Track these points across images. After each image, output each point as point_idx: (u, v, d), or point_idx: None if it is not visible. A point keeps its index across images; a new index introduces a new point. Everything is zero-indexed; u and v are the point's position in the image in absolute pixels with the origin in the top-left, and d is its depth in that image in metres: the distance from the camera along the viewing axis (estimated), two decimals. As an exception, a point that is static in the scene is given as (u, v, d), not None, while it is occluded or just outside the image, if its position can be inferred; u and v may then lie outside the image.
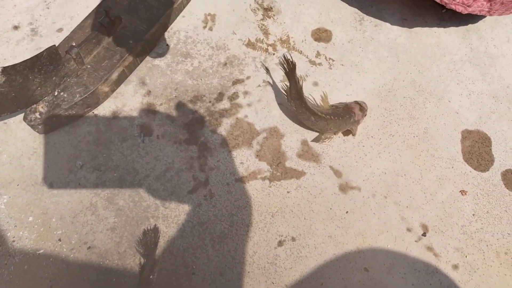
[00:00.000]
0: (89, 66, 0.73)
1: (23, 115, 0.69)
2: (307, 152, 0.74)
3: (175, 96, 0.76)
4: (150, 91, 0.76)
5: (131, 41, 0.75)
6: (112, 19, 0.74)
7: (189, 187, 0.69)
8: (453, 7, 0.80)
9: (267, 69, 0.75)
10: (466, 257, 0.68)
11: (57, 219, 0.65)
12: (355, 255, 0.67)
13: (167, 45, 0.81)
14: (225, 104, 0.76)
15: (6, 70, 0.62)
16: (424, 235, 0.69)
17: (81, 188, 0.67)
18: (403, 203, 0.71)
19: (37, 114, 0.69)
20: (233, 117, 0.76)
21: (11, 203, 0.66)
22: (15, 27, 0.81)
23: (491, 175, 0.75)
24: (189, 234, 0.66)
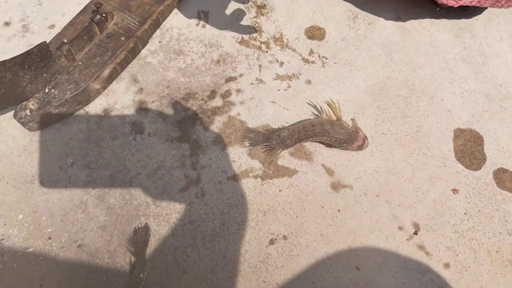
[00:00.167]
0: (80, 63, 0.72)
1: (13, 112, 0.68)
2: (299, 151, 0.73)
3: (167, 94, 0.76)
4: (142, 89, 0.76)
5: (123, 38, 0.75)
6: (104, 15, 0.74)
7: (180, 185, 0.69)
8: (444, 1, 0.80)
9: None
10: (458, 255, 0.69)
11: (47, 217, 0.65)
12: (347, 254, 0.67)
13: (159, 42, 0.80)
14: (217, 102, 0.76)
15: (-5, 66, 0.61)
16: (415, 233, 0.69)
17: (72, 186, 0.67)
18: (395, 202, 0.71)
19: (28, 111, 0.68)
20: (225, 115, 0.75)
21: (1, 201, 0.65)
22: (6, 23, 0.80)
23: (483, 173, 0.75)
24: (180, 232, 0.66)
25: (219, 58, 0.80)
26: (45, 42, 0.66)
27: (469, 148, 0.77)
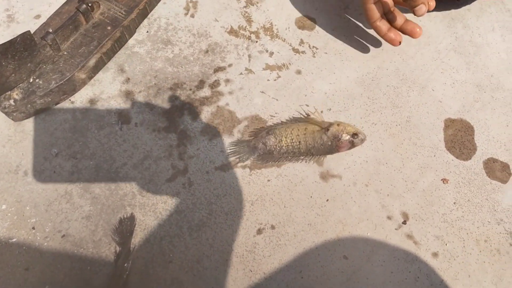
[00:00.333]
0: (65, 53, 0.72)
1: (-3, 102, 0.67)
2: (288, 140, 0.73)
3: (155, 84, 0.75)
4: (129, 79, 0.75)
5: (109, 28, 0.74)
6: (90, 5, 0.73)
7: (167, 175, 0.68)
8: None
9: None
10: (446, 245, 0.68)
11: (31, 207, 0.64)
12: (335, 243, 0.66)
13: (147, 32, 0.79)
14: (206, 92, 0.75)
15: (-23, 55, 0.60)
16: (404, 223, 0.69)
17: (56, 176, 0.66)
18: (384, 191, 0.71)
19: (12, 101, 0.67)
20: (214, 105, 0.74)
21: (-15, 191, 0.65)
22: (-8, 13, 0.79)
23: (473, 163, 0.75)
24: (166, 222, 0.65)
25: (208, 48, 0.79)
26: (29, 31, 0.65)
27: (460, 138, 0.77)
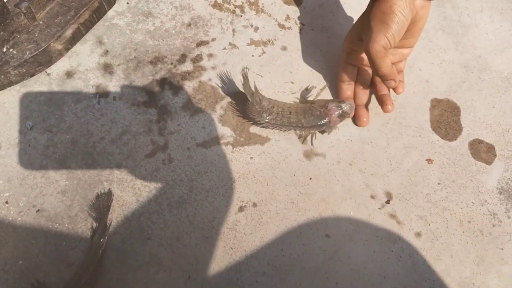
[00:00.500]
0: (41, 22, 0.68)
1: (-32, 72, 0.64)
2: (272, 118, 0.71)
3: (135, 57, 0.72)
4: (108, 51, 0.72)
5: (87, -3, 0.71)
6: (67, -28, 0.70)
7: (146, 151, 0.66)
8: None
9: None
10: (430, 225, 0.68)
11: (5, 181, 0.62)
12: (317, 222, 0.66)
13: (127, 3, 0.76)
14: (187, 67, 0.73)
15: None
16: (388, 202, 0.68)
17: (31, 150, 0.64)
18: (368, 171, 0.70)
19: (-17, 71, 0.64)
20: (196, 80, 0.72)
21: (-45, 165, 0.62)
22: (-37, -20, 0.75)
23: (458, 144, 0.74)
24: (145, 198, 0.63)
25: (191, 21, 0.77)
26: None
27: (446, 119, 0.76)
